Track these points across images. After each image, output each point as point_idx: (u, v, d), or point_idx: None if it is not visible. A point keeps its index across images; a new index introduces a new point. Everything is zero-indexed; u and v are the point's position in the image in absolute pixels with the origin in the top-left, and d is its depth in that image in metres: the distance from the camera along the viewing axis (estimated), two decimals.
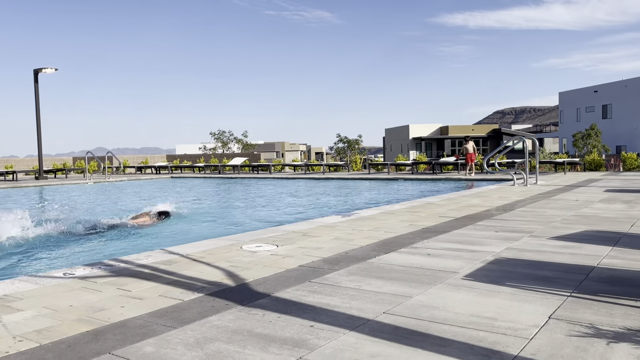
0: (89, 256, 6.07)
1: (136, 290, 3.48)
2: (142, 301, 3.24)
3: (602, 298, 3.11)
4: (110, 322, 2.86)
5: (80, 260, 5.82)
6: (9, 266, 5.68)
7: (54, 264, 5.72)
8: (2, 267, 5.62)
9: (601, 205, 7.87)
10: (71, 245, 6.79)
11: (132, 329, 2.75)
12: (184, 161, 32.24)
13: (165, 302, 3.20)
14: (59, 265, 5.58)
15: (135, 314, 2.99)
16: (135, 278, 3.82)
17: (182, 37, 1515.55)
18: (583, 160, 20.43)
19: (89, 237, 7.34)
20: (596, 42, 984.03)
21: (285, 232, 5.80)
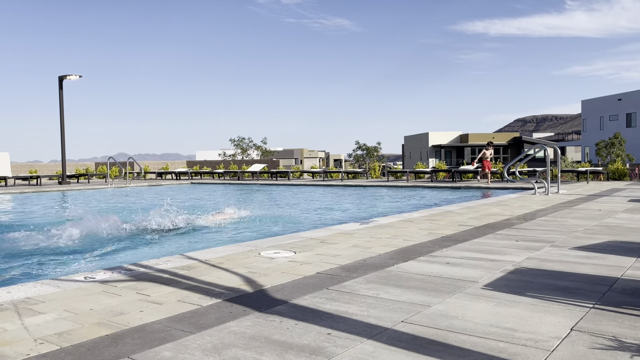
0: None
1: (155, 295, 3.51)
2: (161, 306, 3.26)
3: (626, 310, 3.04)
4: (129, 326, 2.89)
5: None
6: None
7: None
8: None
9: (625, 215, 7.71)
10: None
11: (151, 333, 2.77)
12: (203, 167, 32.53)
13: (184, 307, 3.22)
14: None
15: (154, 318, 3.02)
16: (154, 283, 3.86)
17: (204, 45, 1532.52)
18: (606, 169, 20.06)
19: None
20: (619, 50, 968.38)
21: (303, 239, 5.80)
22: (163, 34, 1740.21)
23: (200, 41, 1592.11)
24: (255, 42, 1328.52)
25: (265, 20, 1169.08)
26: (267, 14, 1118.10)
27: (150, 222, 8.71)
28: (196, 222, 9.15)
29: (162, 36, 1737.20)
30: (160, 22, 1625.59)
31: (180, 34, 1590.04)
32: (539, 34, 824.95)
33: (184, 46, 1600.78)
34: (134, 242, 7.40)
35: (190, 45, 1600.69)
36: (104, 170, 29.39)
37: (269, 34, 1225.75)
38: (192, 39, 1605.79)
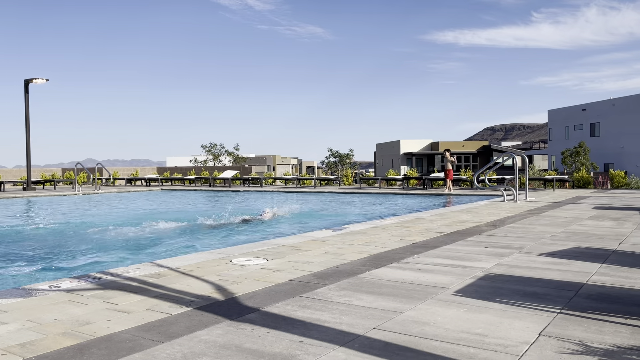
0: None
1: (123, 304, 3.43)
2: (129, 315, 3.19)
3: (592, 315, 3.11)
4: (95, 336, 2.81)
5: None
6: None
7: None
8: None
9: (590, 222, 7.92)
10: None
11: (118, 343, 2.70)
12: (174, 173, 32.10)
13: (153, 316, 3.16)
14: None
15: (121, 328, 2.94)
16: (122, 291, 3.77)
17: (175, 50, 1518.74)
18: (572, 177, 20.60)
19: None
20: (583, 62, 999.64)
21: (276, 246, 5.77)
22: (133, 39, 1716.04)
23: (171, 46, 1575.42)
24: (228, 49, 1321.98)
25: (238, 26, 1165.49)
26: (240, 20, 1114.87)
27: None
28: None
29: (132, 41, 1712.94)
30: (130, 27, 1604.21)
31: (151, 39, 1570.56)
32: (507, 45, 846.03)
33: (154, 51, 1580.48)
34: (103, 249, 7.23)
35: (161, 50, 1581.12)
36: (71, 176, 28.70)
37: (241, 41, 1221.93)
38: (163, 44, 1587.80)
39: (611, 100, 43.79)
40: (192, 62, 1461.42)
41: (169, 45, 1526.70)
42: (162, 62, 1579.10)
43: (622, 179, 20.03)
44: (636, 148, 39.87)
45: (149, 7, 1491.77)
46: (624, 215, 8.88)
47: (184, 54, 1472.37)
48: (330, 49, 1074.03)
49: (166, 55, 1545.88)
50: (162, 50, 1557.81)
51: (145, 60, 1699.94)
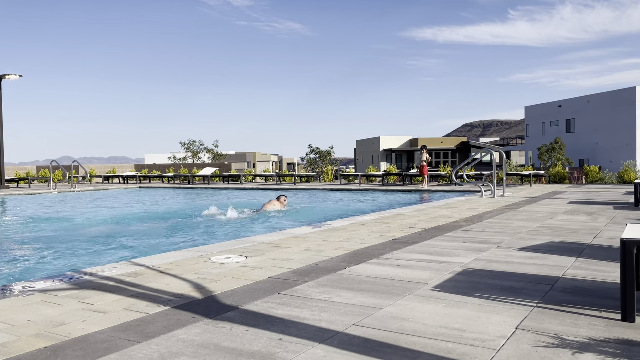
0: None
1: (99, 304, 3.37)
2: (105, 315, 3.14)
3: (567, 308, 3.16)
4: (70, 337, 2.76)
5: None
6: None
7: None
8: None
9: (565, 217, 8.05)
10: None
11: (94, 344, 2.65)
12: (152, 171, 31.72)
13: (130, 316, 3.11)
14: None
15: (97, 328, 2.89)
16: (98, 291, 3.71)
17: (153, 46, 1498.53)
18: (548, 172, 20.94)
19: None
20: (559, 59, 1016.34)
21: (255, 243, 5.74)
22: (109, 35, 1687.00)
23: (148, 42, 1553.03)
24: (206, 44, 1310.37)
25: (216, 22, 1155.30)
26: (218, 16, 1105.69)
27: None
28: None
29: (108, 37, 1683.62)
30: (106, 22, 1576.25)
31: (128, 35, 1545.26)
32: (485, 42, 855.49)
33: (131, 47, 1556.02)
34: (79, 249, 7.11)
35: (138, 46, 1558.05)
36: (46, 174, 28.16)
37: (220, 36, 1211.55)
38: (140, 40, 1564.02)
39: (585, 96, 44.63)
40: (170, 58, 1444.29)
41: (146, 41, 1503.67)
42: (139, 57, 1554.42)
43: (596, 174, 20.44)
44: (609, 144, 40.74)
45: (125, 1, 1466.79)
46: (598, 210, 9.06)
47: (161, 49, 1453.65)
48: (310, 45, 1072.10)
49: (143, 51, 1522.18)
50: (139, 45, 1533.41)
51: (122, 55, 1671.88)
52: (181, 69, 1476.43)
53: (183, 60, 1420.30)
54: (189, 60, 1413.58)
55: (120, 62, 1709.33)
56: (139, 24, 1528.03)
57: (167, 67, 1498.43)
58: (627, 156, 34.26)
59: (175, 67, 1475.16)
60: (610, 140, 40.78)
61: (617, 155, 37.61)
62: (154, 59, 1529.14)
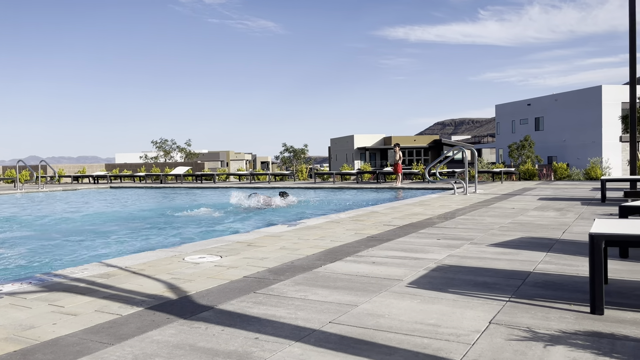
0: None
1: (70, 306, 3.30)
2: (77, 317, 3.07)
3: (538, 302, 3.23)
4: (40, 340, 2.69)
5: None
6: None
7: None
8: None
9: (535, 213, 8.22)
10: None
11: (65, 347, 2.59)
12: (123, 170, 31.19)
13: (102, 318, 3.05)
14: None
15: (68, 331, 2.83)
16: (69, 293, 3.62)
17: (123, 43, 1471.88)
18: (518, 170, 21.36)
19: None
20: (528, 58, 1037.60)
21: (230, 243, 5.70)
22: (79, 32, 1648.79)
23: (119, 39, 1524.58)
24: (178, 42, 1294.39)
25: (187, 19, 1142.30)
26: (189, 14, 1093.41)
27: None
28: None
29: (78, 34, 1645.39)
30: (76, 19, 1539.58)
31: (98, 32, 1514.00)
32: (456, 41, 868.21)
33: (100, 45, 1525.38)
34: (47, 250, 6.94)
35: (109, 43, 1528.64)
36: (12, 174, 27.40)
37: (191, 34, 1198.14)
38: (111, 38, 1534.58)
39: (554, 95, 45.67)
40: (140, 56, 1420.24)
41: (115, 39, 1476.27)
42: (109, 55, 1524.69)
43: (565, 171, 20.94)
44: (577, 141, 41.79)
45: None
46: (566, 206, 9.28)
47: (131, 47, 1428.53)
48: (283, 44, 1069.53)
49: (113, 49, 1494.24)
50: (109, 43, 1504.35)
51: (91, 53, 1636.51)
52: (152, 67, 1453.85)
53: (154, 59, 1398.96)
54: (160, 59, 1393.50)
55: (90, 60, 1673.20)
56: (108, 21, 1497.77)
57: (138, 66, 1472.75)
58: (594, 153, 35.21)
59: (146, 66, 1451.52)
60: (577, 138, 41.84)
61: (584, 152, 38.63)
62: (124, 57, 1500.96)
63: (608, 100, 39.77)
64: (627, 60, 10.60)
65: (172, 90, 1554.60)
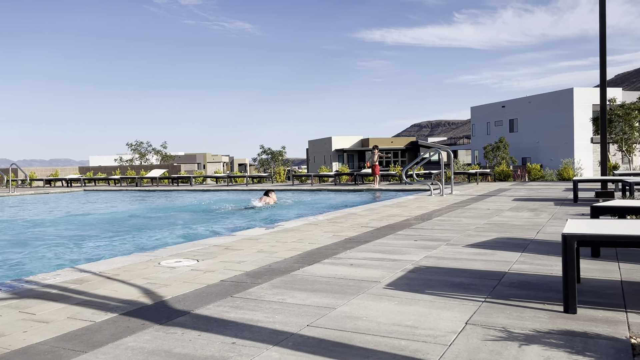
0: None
1: (41, 313, 3.22)
2: (48, 324, 2.99)
3: (513, 302, 3.27)
4: (10, 349, 2.62)
5: None
6: None
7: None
8: None
9: (510, 214, 8.35)
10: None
11: (36, 355, 2.53)
12: (98, 173, 30.67)
13: (75, 325, 2.98)
14: None
15: (39, 339, 2.76)
16: (40, 300, 3.54)
17: (96, 45, 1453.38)
18: (493, 171, 21.66)
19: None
20: (502, 61, 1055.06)
21: (207, 246, 5.64)
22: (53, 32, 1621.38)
23: (92, 40, 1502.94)
24: (154, 43, 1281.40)
25: (163, 21, 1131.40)
26: (165, 15, 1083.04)
27: None
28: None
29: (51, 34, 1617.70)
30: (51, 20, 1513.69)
31: (72, 33, 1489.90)
32: (432, 44, 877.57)
33: (75, 46, 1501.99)
34: (18, 256, 6.77)
35: (82, 44, 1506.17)
36: None
37: (167, 36, 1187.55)
38: (84, 39, 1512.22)
39: (527, 97, 46.50)
40: (115, 58, 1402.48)
41: (90, 40, 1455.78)
42: (83, 57, 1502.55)
43: (538, 172, 21.32)
44: (550, 142, 42.61)
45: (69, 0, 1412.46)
46: (540, 206, 9.45)
47: (106, 48, 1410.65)
48: (260, 45, 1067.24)
49: (87, 50, 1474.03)
50: (83, 44, 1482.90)
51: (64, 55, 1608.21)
52: (128, 69, 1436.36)
53: (129, 60, 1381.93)
54: (136, 60, 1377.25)
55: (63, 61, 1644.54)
56: (82, 22, 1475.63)
57: (113, 67, 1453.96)
58: (566, 154, 35.96)
59: (122, 67, 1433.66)
60: (550, 140, 42.67)
61: (556, 153, 39.41)
62: (98, 58, 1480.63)
63: (579, 103, 40.68)
64: (598, 64, 10.85)
65: (148, 92, 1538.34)
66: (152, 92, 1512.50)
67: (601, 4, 10.62)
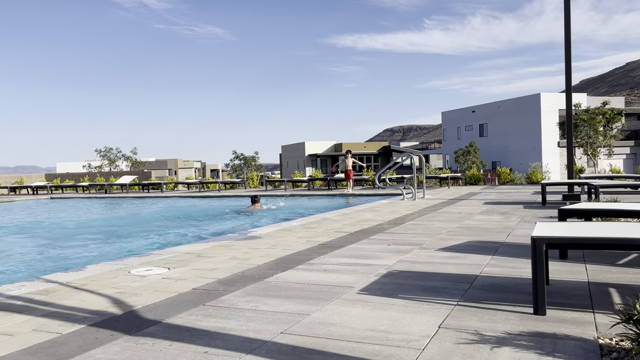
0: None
1: (5, 326, 3.11)
2: (13, 337, 2.89)
3: (485, 305, 3.31)
4: None
5: None
6: None
7: None
8: None
9: (481, 217, 8.47)
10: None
11: None
12: (65, 180, 29.96)
13: (41, 337, 2.89)
14: None
15: (4, 352, 2.66)
16: (4, 312, 3.42)
17: (63, 49, 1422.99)
18: (464, 175, 21.99)
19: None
20: (471, 67, 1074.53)
21: (178, 254, 5.55)
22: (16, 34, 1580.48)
23: (60, 44, 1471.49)
24: (123, 48, 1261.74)
25: (133, 25, 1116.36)
26: (134, 19, 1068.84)
27: None
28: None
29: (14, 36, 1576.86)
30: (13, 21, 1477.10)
31: (38, 36, 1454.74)
32: (403, 49, 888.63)
33: (41, 49, 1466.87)
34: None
35: (49, 48, 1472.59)
36: None
37: (137, 40, 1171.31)
38: (51, 42, 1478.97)
39: (496, 102, 47.43)
40: (84, 62, 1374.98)
41: (57, 43, 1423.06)
42: (49, 61, 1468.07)
43: (508, 175, 21.73)
44: (518, 147, 43.52)
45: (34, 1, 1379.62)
46: (510, 209, 9.62)
47: (74, 53, 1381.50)
48: (232, 50, 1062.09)
49: (54, 54, 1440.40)
50: (50, 48, 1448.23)
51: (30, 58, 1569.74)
52: (97, 74, 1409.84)
53: (98, 65, 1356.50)
54: (105, 65, 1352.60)
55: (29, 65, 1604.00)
56: (49, 25, 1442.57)
57: (81, 72, 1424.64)
58: (534, 158, 36.76)
59: (91, 72, 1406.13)
60: (519, 144, 43.58)
61: (525, 157, 40.26)
62: (66, 62, 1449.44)
63: (547, 108, 41.70)
64: (564, 69, 11.14)
65: (117, 98, 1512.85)
66: (122, 98, 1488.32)
67: (566, 12, 10.92)
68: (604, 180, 11.25)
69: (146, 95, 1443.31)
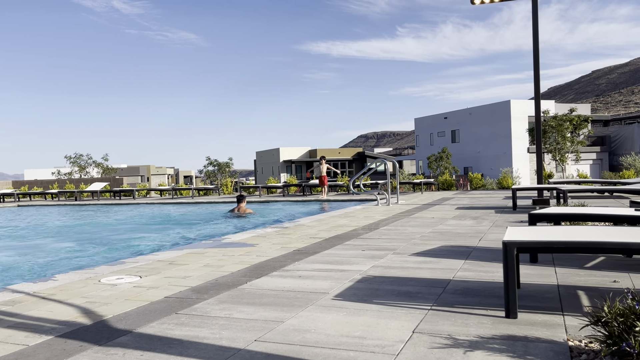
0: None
1: None
2: None
3: (458, 309, 3.34)
4: None
5: None
6: None
7: None
8: None
9: (454, 222, 8.58)
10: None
11: None
12: (33, 187, 29.22)
13: (6, 349, 2.80)
14: None
15: None
16: None
17: (30, 53, 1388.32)
18: (437, 180, 22.24)
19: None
20: (443, 74, 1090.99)
21: (150, 262, 5.46)
22: None
23: (27, 47, 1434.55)
24: (94, 53, 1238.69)
25: (104, 30, 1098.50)
26: (105, 24, 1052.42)
27: None
28: None
29: None
30: None
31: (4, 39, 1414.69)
32: (376, 56, 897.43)
33: (7, 53, 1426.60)
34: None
35: (16, 52, 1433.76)
36: None
37: (108, 45, 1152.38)
38: (18, 45, 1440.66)
39: (468, 109, 48.22)
40: (52, 66, 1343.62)
41: (24, 47, 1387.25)
42: (16, 65, 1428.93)
43: (480, 181, 22.07)
44: (490, 152, 44.29)
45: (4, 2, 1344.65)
46: (482, 214, 9.76)
47: (42, 57, 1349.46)
48: (206, 56, 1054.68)
49: (21, 58, 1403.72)
50: (16, 52, 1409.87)
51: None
52: (66, 79, 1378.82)
53: (68, 70, 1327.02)
54: (75, 70, 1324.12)
55: None
56: (15, 28, 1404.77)
57: (50, 76, 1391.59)
58: (505, 164, 37.46)
59: (60, 77, 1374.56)
60: (490, 150, 44.35)
61: (496, 163, 40.98)
62: (34, 67, 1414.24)
63: (516, 114, 42.58)
64: (532, 77, 11.39)
65: (88, 103, 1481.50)
66: (93, 103, 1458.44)
67: (534, 21, 11.18)
68: (572, 185, 11.52)
69: (118, 100, 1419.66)
